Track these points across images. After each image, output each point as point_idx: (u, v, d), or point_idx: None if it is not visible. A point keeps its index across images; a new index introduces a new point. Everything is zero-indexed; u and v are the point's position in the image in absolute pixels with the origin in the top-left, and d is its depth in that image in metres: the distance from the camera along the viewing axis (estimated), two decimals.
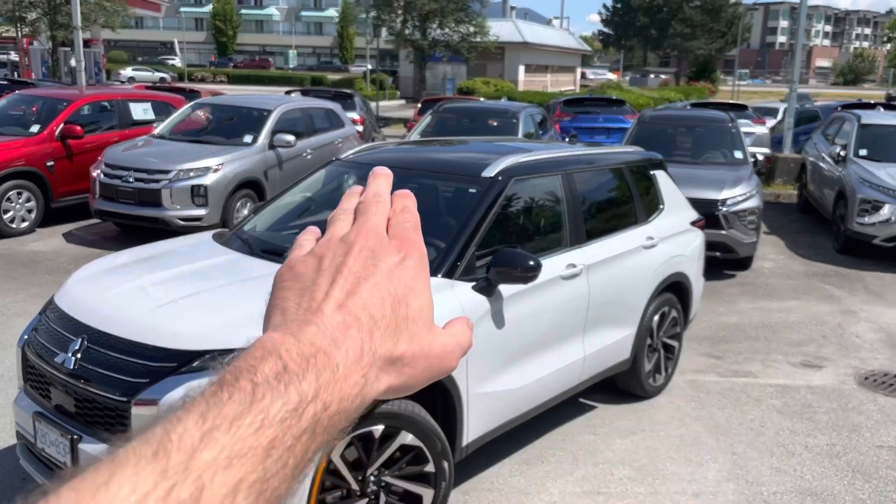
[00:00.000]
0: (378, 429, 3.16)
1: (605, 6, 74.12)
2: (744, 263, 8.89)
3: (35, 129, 9.34)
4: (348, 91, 16.08)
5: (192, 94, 13.30)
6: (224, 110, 10.21)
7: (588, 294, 4.38)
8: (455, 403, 3.51)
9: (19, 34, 35.59)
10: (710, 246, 8.13)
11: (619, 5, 73.07)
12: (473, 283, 3.63)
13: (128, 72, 52.87)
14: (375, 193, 0.62)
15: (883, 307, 7.67)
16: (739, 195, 8.34)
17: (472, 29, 31.51)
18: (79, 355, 2.99)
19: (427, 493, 3.36)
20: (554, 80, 48.75)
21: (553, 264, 4.14)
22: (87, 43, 48.28)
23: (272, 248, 3.92)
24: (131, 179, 8.46)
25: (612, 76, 74.10)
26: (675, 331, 5.45)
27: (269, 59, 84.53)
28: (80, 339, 3.04)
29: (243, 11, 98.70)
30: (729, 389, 5.53)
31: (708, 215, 7.99)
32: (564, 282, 4.19)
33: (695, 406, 5.22)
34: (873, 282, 8.60)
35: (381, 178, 0.64)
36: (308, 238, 0.61)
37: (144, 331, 2.96)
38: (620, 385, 5.21)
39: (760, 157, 10.17)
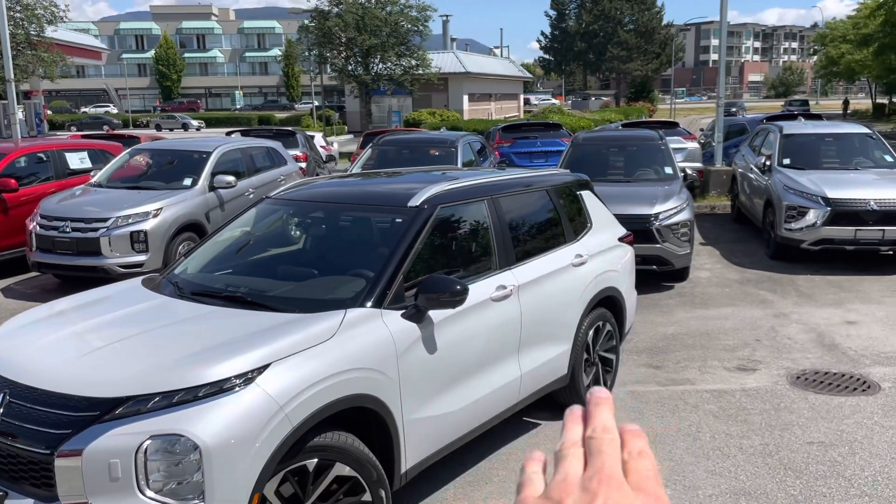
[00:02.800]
0: (312, 462, 3.21)
1: (543, 33, 75.82)
2: (680, 275, 9.15)
3: None
4: (290, 129, 16.15)
5: (131, 141, 13.23)
6: (162, 154, 10.19)
7: (520, 314, 4.50)
8: (391, 431, 3.57)
9: None
10: (645, 259, 8.41)
11: (556, 32, 74.83)
12: (403, 311, 3.72)
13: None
14: (605, 428, 0.59)
15: (813, 308, 7.97)
16: (671, 209, 8.62)
17: (413, 62, 31.92)
18: (1, 410, 2.99)
19: None
20: (498, 108, 49.51)
21: (483, 287, 4.26)
22: (27, 94, 47.54)
23: (202, 290, 3.95)
24: (68, 229, 8.38)
25: (554, 101, 75.56)
26: (611, 344, 5.60)
27: (198, 102, 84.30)
28: (1, 395, 3.03)
29: (186, 55, 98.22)
30: (667, 398, 5.69)
31: (642, 230, 8.27)
32: (495, 304, 4.30)
33: (635, 416, 5.35)
34: (804, 284, 8.93)
35: (605, 405, 0.60)
36: (535, 470, 0.58)
37: (66, 381, 2.98)
38: (561, 401, 5.32)
39: (692, 172, 10.50)
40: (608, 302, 5.53)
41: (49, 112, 54.45)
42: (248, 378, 2.99)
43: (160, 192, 9.12)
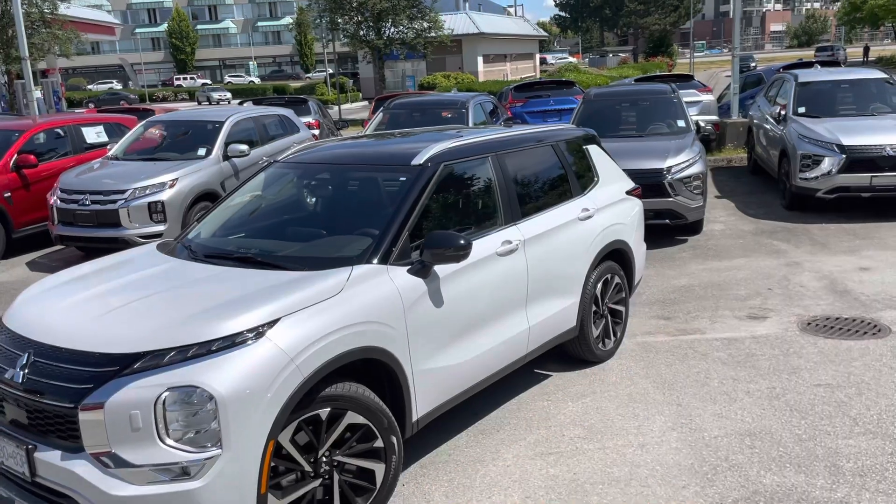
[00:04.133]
0: (325, 411, 3.34)
1: None
2: (694, 228, 9.17)
3: None
4: (302, 96, 16.19)
5: (145, 114, 13.36)
6: (176, 126, 10.32)
7: (527, 268, 4.59)
8: (400, 382, 3.70)
9: None
10: (658, 213, 8.44)
11: None
12: (409, 267, 3.82)
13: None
14: None
15: (826, 256, 7.97)
16: (683, 162, 8.61)
17: (425, 24, 31.64)
18: (27, 370, 3.15)
19: (379, 468, 3.55)
20: (514, 68, 49.04)
21: (488, 242, 4.34)
22: (44, 73, 47.78)
23: (214, 253, 4.08)
24: (88, 202, 8.56)
25: (571, 59, 74.62)
26: (620, 296, 5.68)
27: (199, 74, 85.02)
28: (26, 354, 3.19)
29: (199, 27, 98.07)
30: (677, 347, 5.77)
31: (654, 184, 8.29)
32: (501, 258, 4.39)
33: (644, 365, 5.45)
34: (818, 233, 8.91)
35: None
36: None
37: (87, 339, 3.12)
38: (572, 352, 5.43)
39: (707, 125, 10.41)
40: (616, 255, 5.60)
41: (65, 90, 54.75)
42: (258, 332, 3.12)
43: (175, 162, 9.27)
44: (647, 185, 8.34)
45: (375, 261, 3.73)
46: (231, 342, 3.06)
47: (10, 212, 9.32)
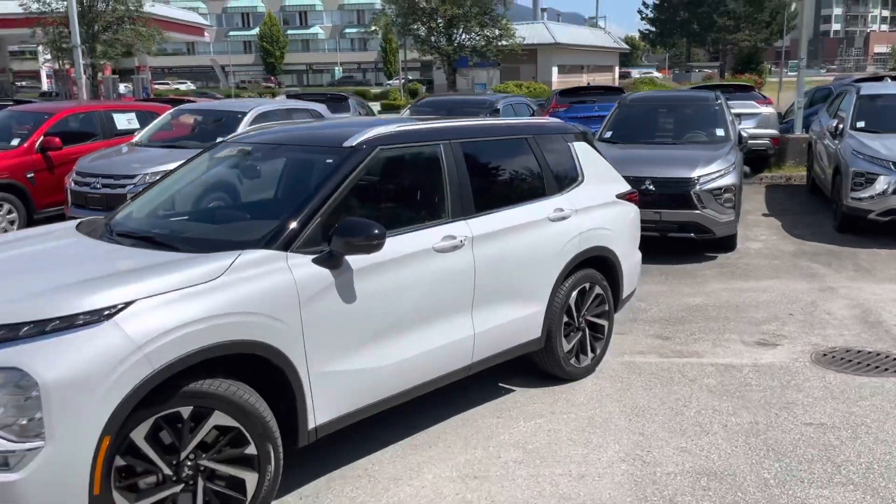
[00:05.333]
0: (187, 409, 3.01)
1: (644, 3, 73.03)
2: (727, 244, 8.46)
3: (15, 142, 9.54)
4: (343, 94, 16.09)
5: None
6: (202, 114, 10.26)
7: (474, 267, 4.15)
8: (292, 384, 3.32)
9: (60, 65, 36.96)
10: (682, 226, 7.84)
11: (658, 1, 71.90)
12: (316, 256, 3.45)
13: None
14: None
15: (867, 283, 7.17)
16: (713, 173, 7.95)
17: (497, 32, 31.32)
18: None
19: (250, 477, 3.18)
20: (590, 80, 48.12)
21: (424, 236, 3.93)
22: (136, 69, 49.79)
23: (124, 231, 3.80)
24: (99, 185, 8.55)
25: (658, 74, 72.89)
26: (602, 309, 5.15)
27: (272, 77, 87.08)
28: None
29: (290, 32, 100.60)
30: (665, 370, 5.19)
31: (679, 194, 7.69)
32: (440, 255, 3.97)
33: (620, 387, 4.91)
34: (865, 259, 8.07)
35: None
36: None
37: None
38: (540, 366, 4.95)
39: (762, 139, 9.62)
40: (598, 262, 5.08)
41: (156, 87, 56.94)
42: (103, 314, 2.81)
43: (193, 150, 9.16)
44: (672, 195, 7.79)
45: (274, 246, 3.37)
46: (69, 323, 2.75)
47: (32, 192, 9.43)
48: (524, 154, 4.80)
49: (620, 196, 5.37)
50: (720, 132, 9.00)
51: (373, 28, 37.10)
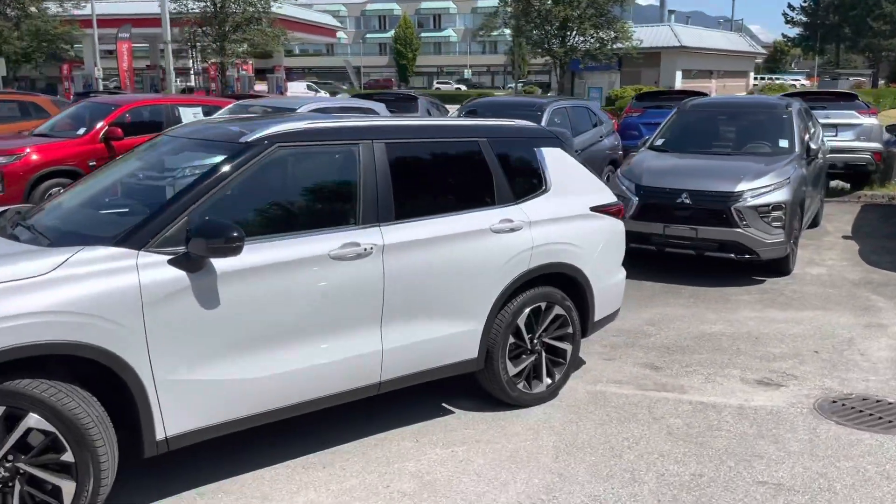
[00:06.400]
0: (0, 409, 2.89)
1: (790, 6, 68.81)
2: (780, 268, 7.61)
3: (81, 131, 10.03)
4: (412, 94, 15.95)
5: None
6: (255, 110, 10.40)
7: (383, 278, 3.83)
8: (132, 391, 3.14)
9: (195, 63, 39.23)
10: (722, 246, 7.14)
11: (806, 4, 67.55)
12: (172, 256, 3.26)
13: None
14: None
15: None
16: (760, 188, 7.17)
17: (612, 34, 30.29)
18: None
19: (67, 486, 3.01)
20: (720, 86, 45.80)
21: (320, 242, 3.65)
22: (271, 69, 52.14)
23: (20, 223, 3.75)
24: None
25: (805, 82, 68.47)
26: (564, 332, 4.68)
27: (392, 80, 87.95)
28: None
29: (423, 34, 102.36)
30: (634, 404, 4.65)
31: (717, 210, 7.02)
32: (338, 263, 3.68)
33: (571, 419, 4.43)
34: None
35: None
36: None
37: None
38: (487, 389, 4.55)
39: (861, 154, 8.58)
40: (559, 280, 4.62)
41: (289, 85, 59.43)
42: None
43: None
44: (710, 210, 7.12)
45: (126, 244, 3.20)
46: None
47: None
48: (471, 158, 4.41)
49: (596, 209, 4.86)
50: (784, 143, 8.12)
51: (482, 30, 36.74)
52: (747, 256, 7.21)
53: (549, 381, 4.65)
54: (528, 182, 4.61)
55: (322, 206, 3.90)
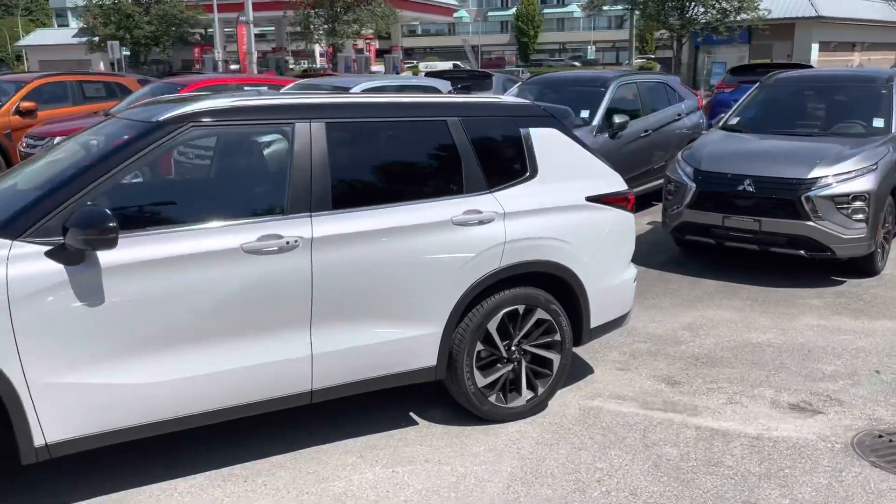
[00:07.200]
0: None
1: None
2: (865, 267, 6.58)
3: None
4: (487, 71, 15.23)
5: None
6: (315, 89, 10.19)
7: (311, 275, 3.40)
8: (2, 394, 2.89)
9: (307, 46, 40.03)
10: (791, 241, 6.25)
11: None
12: (50, 248, 2.97)
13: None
14: None
15: None
16: (840, 174, 6.19)
17: (736, 4, 28.26)
18: None
19: None
20: (864, 59, 41.97)
21: (231, 233, 3.27)
22: (388, 49, 52.84)
23: None
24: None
25: None
26: (549, 339, 4.09)
27: (503, 58, 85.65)
28: None
29: (546, 11, 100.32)
30: (629, 426, 4.01)
31: (785, 200, 6.14)
32: (254, 257, 3.28)
33: (544, 441, 3.85)
34: None
35: None
36: None
37: None
38: (458, 400, 4.05)
39: None
40: (545, 281, 4.03)
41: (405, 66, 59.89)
42: None
43: None
44: (776, 199, 6.24)
45: (1, 234, 2.94)
46: None
47: None
48: (436, 140, 3.89)
49: (595, 198, 4.20)
50: (879, 122, 6.99)
51: (595, 4, 35.22)
52: (821, 254, 6.25)
53: (530, 394, 4.09)
54: (508, 167, 4.03)
55: (242, 194, 3.51)
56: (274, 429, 3.91)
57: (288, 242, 3.34)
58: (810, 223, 6.14)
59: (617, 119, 8.19)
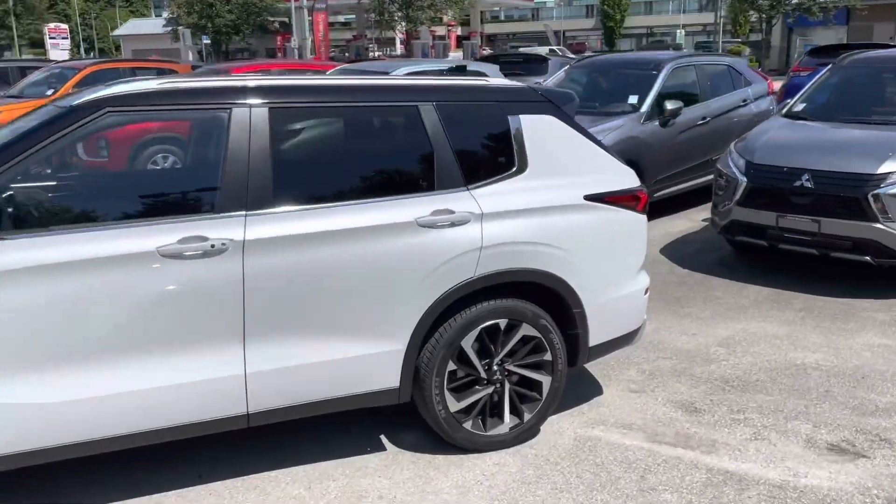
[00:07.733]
0: None
1: None
2: None
3: None
4: (543, 55, 14.46)
5: None
6: (354, 73, 9.83)
7: (242, 283, 2.98)
8: None
9: (381, 33, 39.96)
10: (857, 246, 5.47)
11: None
12: None
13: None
14: None
15: None
16: None
17: None
18: None
19: None
20: None
21: (148, 235, 2.87)
22: (467, 36, 52.66)
23: None
24: None
25: None
26: (538, 358, 3.55)
27: (584, 44, 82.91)
28: None
29: None
30: (627, 463, 3.44)
31: (848, 198, 5.38)
32: (173, 262, 2.88)
33: (522, 479, 3.33)
34: None
35: None
36: None
37: None
38: (431, 426, 3.56)
39: None
40: (534, 292, 3.49)
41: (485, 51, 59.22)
42: None
43: None
44: (838, 197, 5.48)
45: None
46: None
47: None
48: (404, 128, 3.40)
49: (596, 197, 3.61)
50: None
51: None
52: (890, 261, 5.43)
53: (514, 421, 3.56)
54: (491, 161, 3.49)
55: (164, 189, 3.11)
56: (231, 446, 3.52)
57: (214, 246, 2.92)
58: (878, 225, 5.32)
59: (669, 105, 7.44)
